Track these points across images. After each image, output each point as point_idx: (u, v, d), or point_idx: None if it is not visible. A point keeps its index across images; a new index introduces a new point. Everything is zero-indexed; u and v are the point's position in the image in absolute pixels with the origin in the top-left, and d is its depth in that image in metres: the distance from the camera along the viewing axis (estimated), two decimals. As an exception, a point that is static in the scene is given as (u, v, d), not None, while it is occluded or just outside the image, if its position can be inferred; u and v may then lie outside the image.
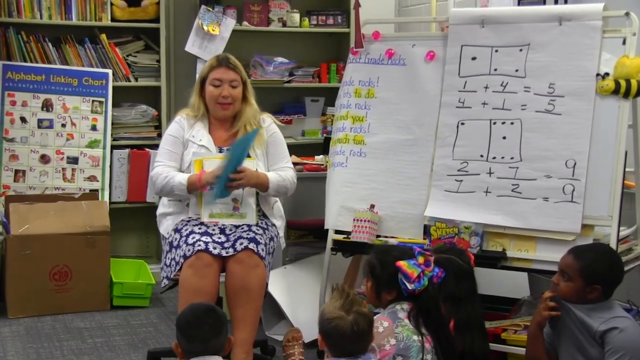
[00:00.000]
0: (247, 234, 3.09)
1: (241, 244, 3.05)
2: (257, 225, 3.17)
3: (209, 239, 3.06)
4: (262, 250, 3.07)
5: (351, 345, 2.27)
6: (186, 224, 3.16)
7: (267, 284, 3.14)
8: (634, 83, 2.83)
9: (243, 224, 3.16)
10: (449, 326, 2.49)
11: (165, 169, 3.22)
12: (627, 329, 2.46)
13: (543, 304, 2.61)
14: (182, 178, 3.16)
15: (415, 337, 2.40)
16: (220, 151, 3.26)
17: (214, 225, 3.14)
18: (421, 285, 2.44)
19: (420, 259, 2.47)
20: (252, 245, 3.05)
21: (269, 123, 3.39)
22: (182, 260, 3.04)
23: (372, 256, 2.61)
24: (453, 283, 2.55)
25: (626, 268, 2.94)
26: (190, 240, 3.05)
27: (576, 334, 2.55)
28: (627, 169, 2.91)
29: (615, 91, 2.86)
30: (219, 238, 3.08)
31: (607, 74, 2.89)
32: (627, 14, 2.89)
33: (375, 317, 2.44)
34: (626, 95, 2.86)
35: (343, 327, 2.24)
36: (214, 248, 3.04)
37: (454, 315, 2.51)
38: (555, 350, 2.66)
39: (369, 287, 2.59)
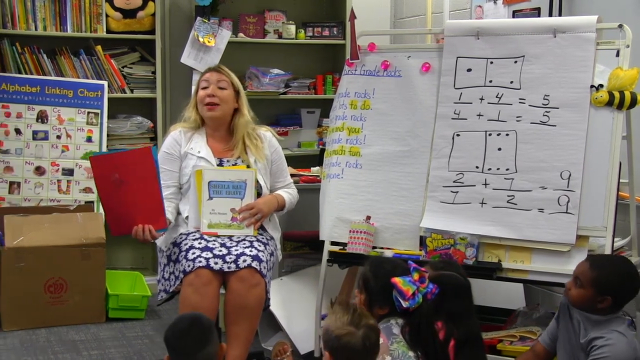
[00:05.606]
0: (250, 251, 3.06)
1: (244, 261, 3.02)
2: (257, 240, 3.15)
3: (209, 254, 3.03)
4: (264, 268, 3.05)
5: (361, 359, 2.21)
6: (185, 238, 3.14)
7: (267, 299, 3.11)
8: (627, 94, 2.85)
9: (242, 236, 3.14)
10: (439, 343, 2.42)
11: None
12: (613, 340, 2.45)
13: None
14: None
15: (411, 354, 2.36)
16: (220, 162, 3.27)
17: (214, 240, 3.12)
18: (416, 303, 2.40)
19: (415, 276, 2.45)
20: (255, 264, 3.02)
21: (270, 137, 3.40)
22: (181, 275, 3.02)
23: (367, 269, 2.58)
24: (453, 300, 2.47)
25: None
26: (190, 256, 3.02)
27: (571, 341, 2.56)
28: (621, 180, 2.93)
29: (609, 102, 2.88)
30: (220, 251, 3.05)
31: (601, 85, 2.91)
32: (620, 26, 2.91)
33: None
34: (620, 106, 2.87)
35: (355, 344, 2.16)
36: (215, 263, 3.00)
37: (455, 332, 2.45)
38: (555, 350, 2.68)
39: (361, 299, 2.55)
